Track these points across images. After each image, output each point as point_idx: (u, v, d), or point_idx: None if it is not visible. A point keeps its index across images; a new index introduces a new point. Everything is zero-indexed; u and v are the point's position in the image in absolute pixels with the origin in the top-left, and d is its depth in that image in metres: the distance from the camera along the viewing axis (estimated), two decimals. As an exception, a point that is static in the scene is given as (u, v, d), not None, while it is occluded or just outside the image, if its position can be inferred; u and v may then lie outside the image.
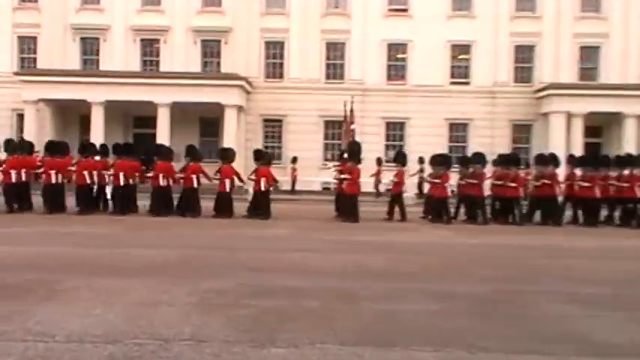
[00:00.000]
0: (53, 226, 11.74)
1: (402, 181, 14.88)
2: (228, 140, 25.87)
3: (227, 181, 14.58)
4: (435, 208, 14.38)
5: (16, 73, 26.82)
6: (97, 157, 15.21)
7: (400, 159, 15.39)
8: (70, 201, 14.56)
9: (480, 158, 14.84)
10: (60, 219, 13.02)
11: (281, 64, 28.33)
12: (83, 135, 28.07)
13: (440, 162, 14.79)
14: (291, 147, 27.68)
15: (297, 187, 25.21)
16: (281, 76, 28.42)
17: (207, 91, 25.64)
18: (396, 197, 14.71)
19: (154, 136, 26.06)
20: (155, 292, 6.29)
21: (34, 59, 28.36)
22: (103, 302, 5.82)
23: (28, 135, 25.31)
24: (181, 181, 14.74)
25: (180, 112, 27.62)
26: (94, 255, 8.44)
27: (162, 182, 14.53)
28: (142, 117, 28.53)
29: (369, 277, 7.20)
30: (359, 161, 14.56)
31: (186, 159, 15.14)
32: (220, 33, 28.10)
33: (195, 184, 14.58)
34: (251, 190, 15.18)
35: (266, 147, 28.59)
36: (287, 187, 24.33)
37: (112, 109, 26.90)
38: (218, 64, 28.56)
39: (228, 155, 15.25)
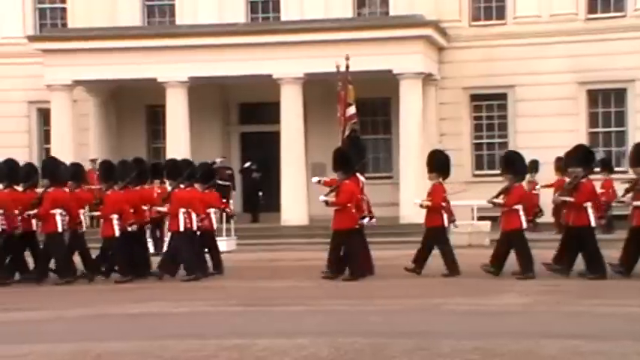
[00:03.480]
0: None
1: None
2: (409, 134, 25.56)
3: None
4: None
5: (33, 39, 28.12)
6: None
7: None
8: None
9: None
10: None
11: (500, -6, 28.18)
12: (154, 138, 29.23)
13: None
14: (524, 143, 26.68)
15: (543, 219, 23.92)
16: (501, 15, 28.01)
17: (365, 50, 25.29)
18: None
19: (274, 136, 26.48)
20: None
21: (62, 14, 29.83)
22: None
23: (59, 143, 26.64)
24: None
25: (319, 91, 27.69)
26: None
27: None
28: (253, 104, 29.10)
29: None
30: (353, 171, 15.42)
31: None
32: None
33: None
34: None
35: (478, 144, 28.23)
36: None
37: (203, 92, 27.42)
38: (383, 1, 28.66)
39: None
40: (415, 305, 12.13)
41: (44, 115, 28.90)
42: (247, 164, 27.88)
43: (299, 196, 24.96)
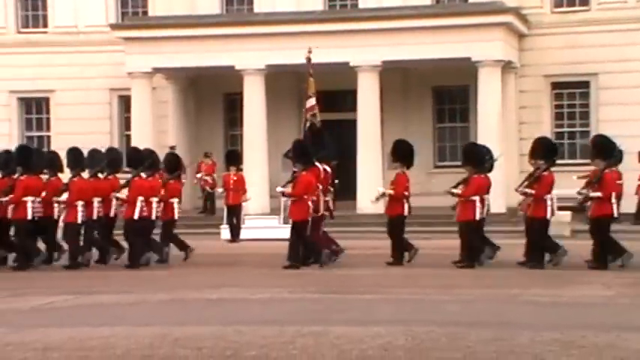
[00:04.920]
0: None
1: None
2: (488, 122, 25.35)
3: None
4: None
5: (115, 27, 28.67)
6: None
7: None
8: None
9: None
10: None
11: (583, -20, 27.70)
12: (231, 126, 29.52)
13: None
14: (607, 131, 25.61)
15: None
16: (584, 1, 27.60)
17: (444, 37, 25.40)
18: None
19: (350, 124, 26.48)
20: None
21: (143, 2, 30.24)
22: None
23: (139, 130, 27.18)
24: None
25: (395, 79, 27.68)
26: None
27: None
28: (329, 92, 29.06)
29: None
30: (311, 163, 15.77)
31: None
32: None
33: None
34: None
35: (559, 133, 27.86)
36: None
37: (280, 80, 27.65)
38: (461, -12, 28.54)
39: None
40: (492, 295, 12.06)
41: (125, 102, 29.40)
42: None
43: (375, 185, 24.92)
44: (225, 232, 22.16)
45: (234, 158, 22.53)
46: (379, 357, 7.93)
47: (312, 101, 22.16)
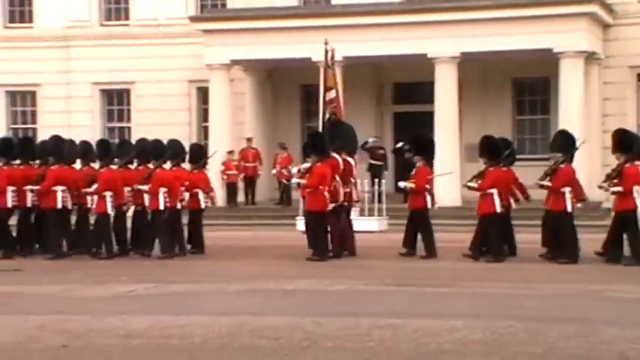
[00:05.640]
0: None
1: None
2: (570, 115, 24.85)
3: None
4: None
5: (194, 19, 28.91)
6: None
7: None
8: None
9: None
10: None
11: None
12: (308, 118, 29.62)
13: None
14: None
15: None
16: (676, -12, 26.75)
17: (525, 28, 24.97)
18: None
19: (427, 116, 26.38)
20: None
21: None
22: None
23: (217, 122, 27.42)
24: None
25: (474, 70, 27.42)
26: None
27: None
28: (407, 84, 29.00)
29: None
30: (326, 154, 15.90)
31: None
32: None
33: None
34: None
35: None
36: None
37: (357, 72, 27.55)
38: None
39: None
40: (572, 290, 11.88)
41: (203, 94, 29.71)
42: (400, 144, 27.82)
43: (452, 177, 24.71)
44: (300, 224, 22.24)
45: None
46: (456, 351, 7.89)
47: (332, 93, 22.11)
